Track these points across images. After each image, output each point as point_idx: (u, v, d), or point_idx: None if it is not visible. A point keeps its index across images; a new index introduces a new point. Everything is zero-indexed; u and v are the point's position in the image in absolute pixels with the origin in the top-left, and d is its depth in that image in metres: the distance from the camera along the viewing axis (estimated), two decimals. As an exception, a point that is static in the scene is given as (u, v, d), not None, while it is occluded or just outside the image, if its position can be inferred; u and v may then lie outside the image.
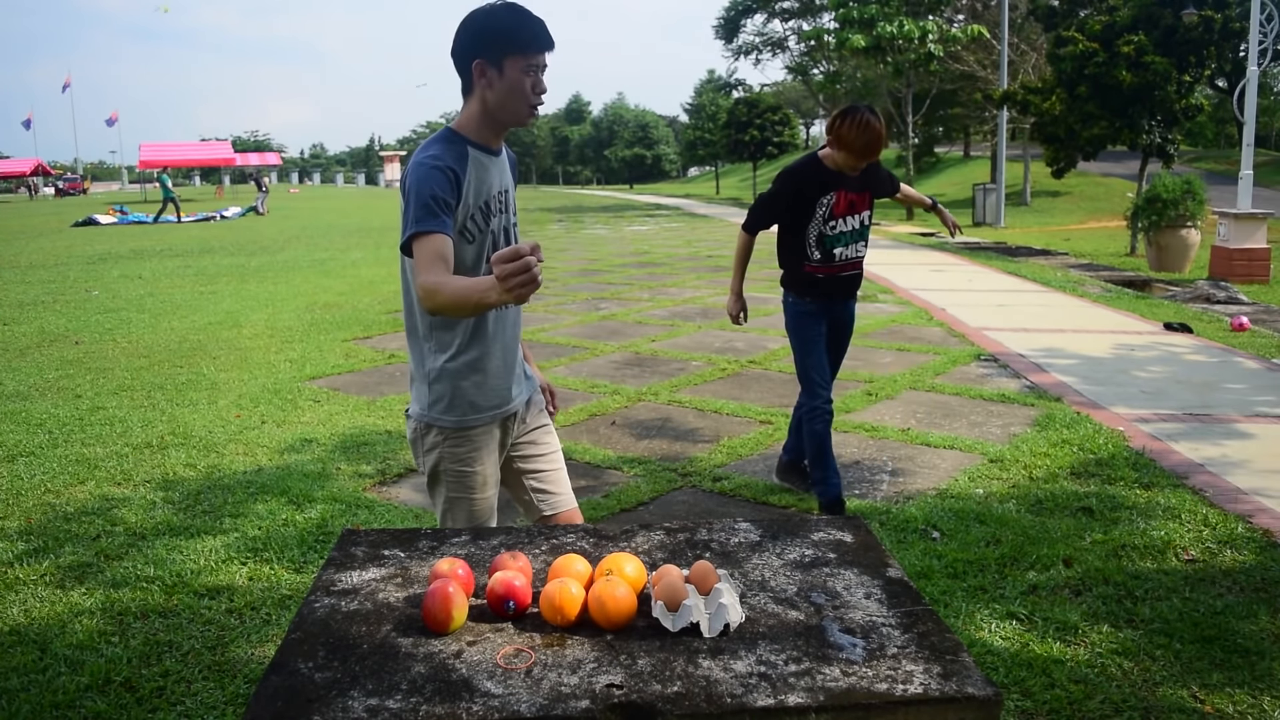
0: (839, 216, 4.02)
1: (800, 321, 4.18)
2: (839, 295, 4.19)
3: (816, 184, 4.00)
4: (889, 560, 1.71)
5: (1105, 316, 9.51)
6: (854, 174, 4.00)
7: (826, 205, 3.99)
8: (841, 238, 4.05)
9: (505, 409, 2.37)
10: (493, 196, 2.25)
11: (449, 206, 2.12)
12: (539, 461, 2.50)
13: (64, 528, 4.11)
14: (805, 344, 4.19)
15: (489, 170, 2.24)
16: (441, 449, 2.30)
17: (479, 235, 2.24)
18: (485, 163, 2.23)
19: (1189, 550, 3.69)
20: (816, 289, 4.12)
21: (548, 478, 2.50)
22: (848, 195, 4.02)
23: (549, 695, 1.27)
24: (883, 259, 15.11)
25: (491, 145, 2.25)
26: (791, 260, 4.13)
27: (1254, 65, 14.45)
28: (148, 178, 61.62)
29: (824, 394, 4.18)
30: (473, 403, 2.28)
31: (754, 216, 4.17)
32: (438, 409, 2.29)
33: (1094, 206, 27.64)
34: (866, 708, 1.25)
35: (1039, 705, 2.68)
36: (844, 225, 4.04)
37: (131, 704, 2.75)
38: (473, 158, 2.20)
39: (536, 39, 2.15)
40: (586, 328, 9.03)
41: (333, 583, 1.62)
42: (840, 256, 4.07)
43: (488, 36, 2.13)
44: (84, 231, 25.45)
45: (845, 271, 4.13)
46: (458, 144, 2.20)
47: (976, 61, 32.11)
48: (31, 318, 10.08)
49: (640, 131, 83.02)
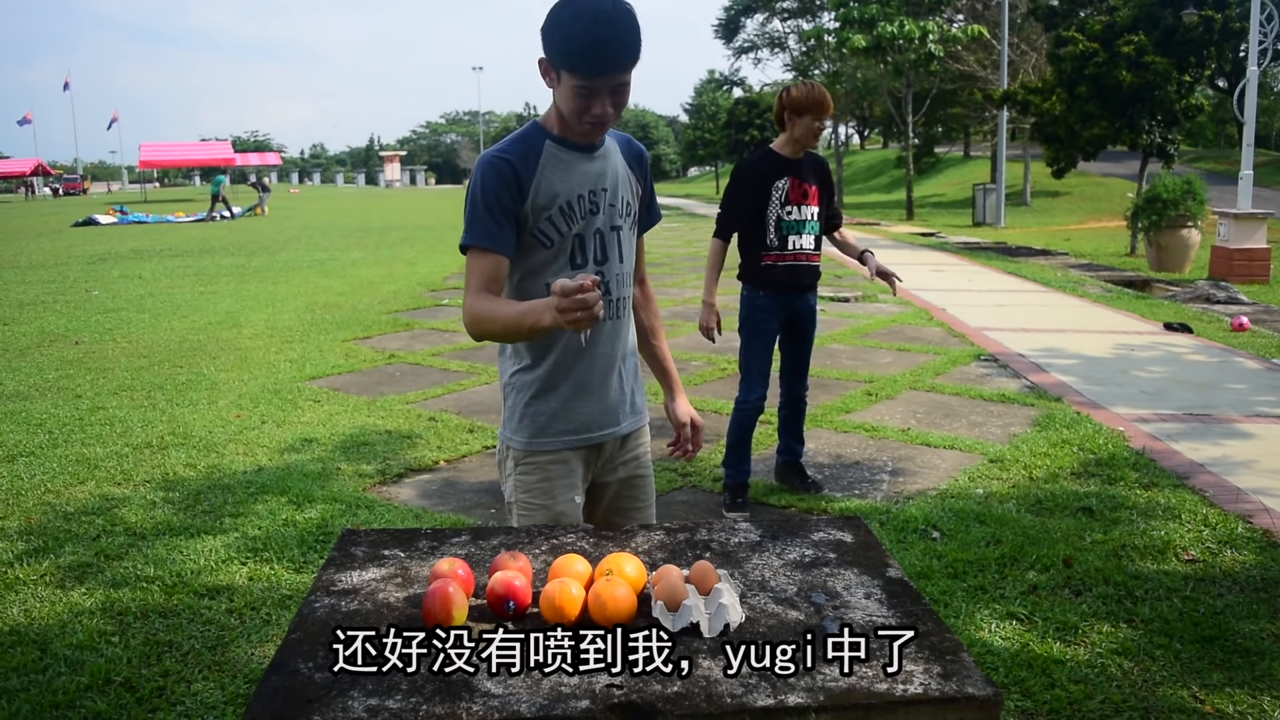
0: (794, 203, 4.15)
1: (753, 314, 4.29)
2: (795, 288, 4.27)
3: (771, 168, 4.15)
4: (889, 560, 1.71)
5: (1105, 316, 9.51)
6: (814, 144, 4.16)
7: (783, 189, 4.12)
8: (796, 225, 4.17)
9: (588, 436, 2.11)
10: (577, 197, 2.02)
11: (508, 212, 1.95)
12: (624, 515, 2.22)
13: (64, 528, 4.11)
14: (752, 337, 4.30)
15: (574, 168, 2.01)
16: (515, 476, 2.10)
17: (557, 239, 2.01)
18: (568, 159, 2.01)
19: (1189, 550, 3.69)
20: (772, 282, 4.21)
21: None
22: (800, 183, 4.15)
23: (549, 695, 1.27)
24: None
25: (577, 140, 2.01)
26: (750, 250, 4.22)
27: (1254, 65, 14.45)
28: (148, 178, 61.61)
29: (760, 389, 4.33)
30: (545, 425, 2.07)
31: (722, 219, 4.28)
32: (510, 427, 2.11)
33: (1094, 206, 27.63)
34: (866, 708, 1.25)
35: (1039, 705, 2.68)
36: (799, 213, 4.16)
37: (131, 704, 2.74)
38: (550, 153, 1.99)
39: (591, 62, 1.85)
40: (586, 328, 9.02)
41: (333, 583, 1.62)
42: (795, 245, 4.18)
43: (550, 38, 1.88)
44: (84, 231, 25.45)
45: (801, 260, 4.22)
46: (535, 138, 2.01)
47: (976, 61, 32.10)
48: (31, 318, 10.08)
49: (640, 131, 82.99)
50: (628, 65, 1.89)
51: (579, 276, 1.63)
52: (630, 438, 2.22)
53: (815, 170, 4.25)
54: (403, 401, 6.22)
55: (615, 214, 2.09)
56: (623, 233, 2.11)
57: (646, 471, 2.28)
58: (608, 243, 2.08)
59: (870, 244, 4.27)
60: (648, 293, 2.37)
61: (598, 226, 2.06)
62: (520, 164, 1.96)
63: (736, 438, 4.34)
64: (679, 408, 2.38)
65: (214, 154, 56.25)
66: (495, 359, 2.28)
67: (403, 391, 6.51)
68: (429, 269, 14.44)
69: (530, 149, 1.99)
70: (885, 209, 32.34)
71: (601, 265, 2.08)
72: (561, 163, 2.00)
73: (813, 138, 4.12)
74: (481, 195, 1.95)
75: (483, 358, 7.45)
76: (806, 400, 4.58)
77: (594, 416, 2.11)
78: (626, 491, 2.23)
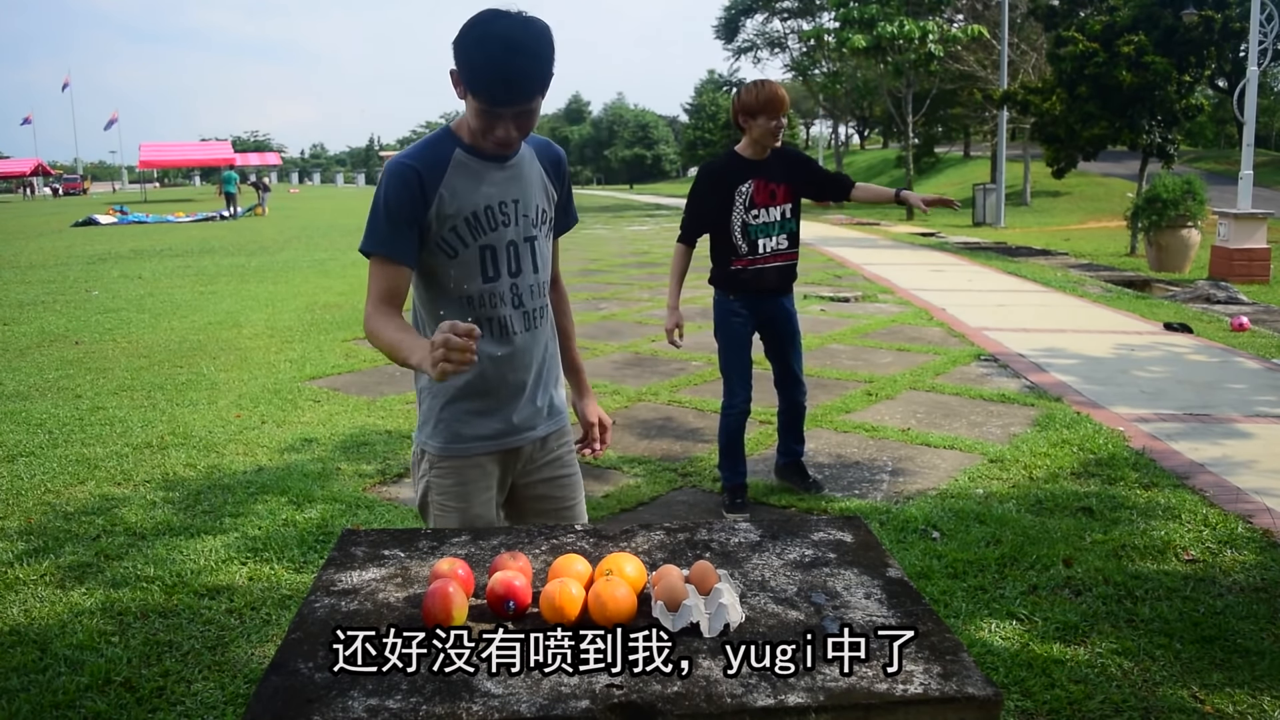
0: (760, 206, 4.06)
1: (726, 320, 4.23)
2: (768, 290, 4.19)
3: (733, 172, 4.06)
4: (889, 560, 1.71)
5: (1105, 316, 9.51)
6: (774, 143, 4.02)
7: (746, 193, 4.04)
8: (765, 228, 4.08)
9: (503, 442, 2.12)
10: (485, 208, 1.98)
11: (411, 222, 1.93)
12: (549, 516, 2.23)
13: (64, 528, 4.11)
14: (727, 342, 4.25)
15: (483, 178, 1.98)
16: (429, 478, 2.11)
17: (461, 250, 1.99)
18: (477, 169, 1.98)
19: (1189, 550, 3.69)
20: (743, 286, 4.16)
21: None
22: (767, 184, 4.05)
23: (549, 695, 1.27)
24: (883, 259, 15.11)
25: (488, 150, 1.98)
26: (720, 256, 4.17)
27: (1254, 65, 14.45)
28: (147, 178, 61.54)
29: (741, 394, 4.27)
30: (459, 430, 2.07)
31: (685, 224, 4.21)
32: (425, 432, 2.11)
33: (1094, 206, 27.63)
34: (866, 708, 1.25)
35: (1039, 705, 2.68)
36: (766, 215, 4.07)
37: (131, 704, 2.74)
38: (459, 162, 1.96)
39: (494, 93, 1.84)
40: (586, 328, 9.03)
41: (333, 583, 1.62)
42: (765, 248, 4.10)
43: (458, 57, 1.85)
44: (84, 231, 25.45)
45: (772, 263, 4.14)
46: (445, 145, 1.98)
47: (976, 61, 32.10)
48: (31, 318, 10.08)
49: (640, 131, 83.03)
50: (532, 95, 1.86)
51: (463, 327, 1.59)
52: (550, 438, 2.22)
53: (785, 166, 4.12)
54: (403, 401, 6.22)
55: (529, 224, 2.07)
56: (537, 242, 2.10)
57: (570, 470, 2.27)
58: (521, 254, 2.06)
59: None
60: (562, 294, 2.37)
61: (510, 238, 2.04)
62: (426, 172, 1.94)
63: (725, 442, 4.32)
64: (588, 408, 2.40)
65: (214, 154, 56.26)
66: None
67: (403, 391, 6.51)
68: (429, 269, 14.42)
69: (438, 157, 1.96)
70: (885, 209, 32.32)
71: (515, 277, 2.06)
72: (470, 172, 1.98)
73: (771, 137, 3.99)
74: (385, 203, 1.93)
75: (483, 358, 7.43)
76: (805, 404, 4.51)
77: (509, 422, 2.11)
78: (551, 491, 2.23)
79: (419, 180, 1.93)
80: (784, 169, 4.11)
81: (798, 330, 4.38)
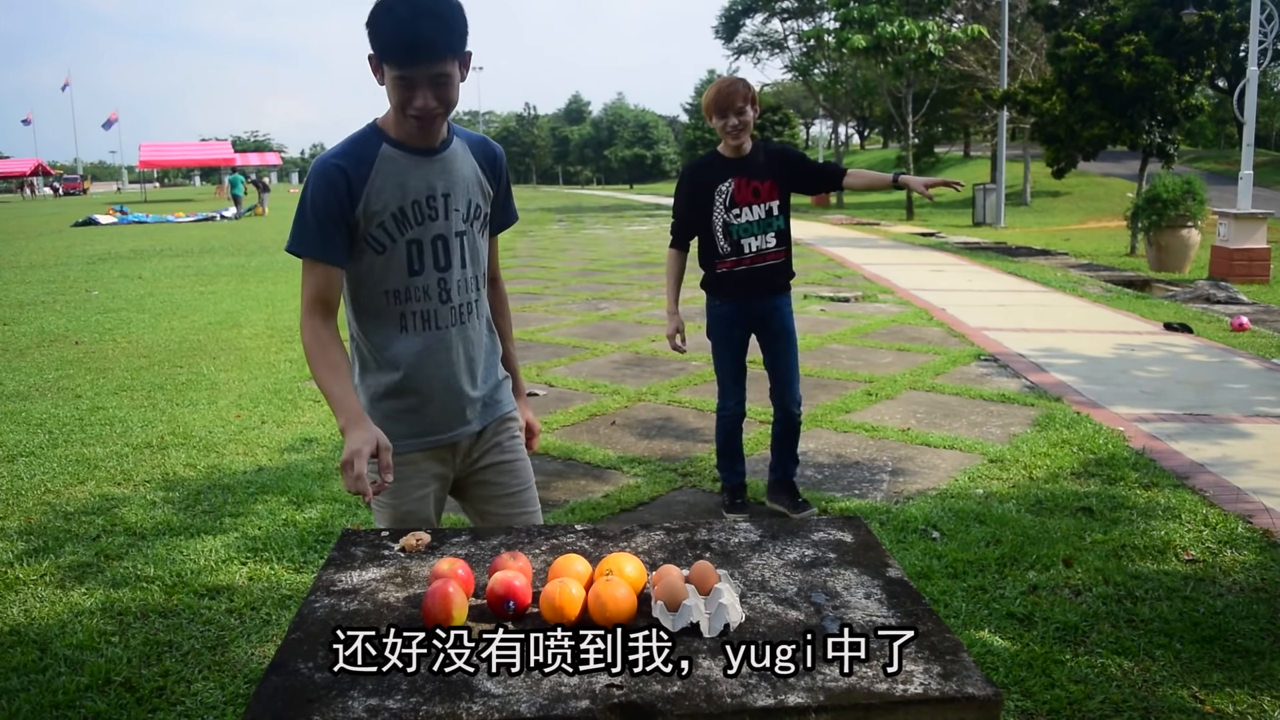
0: (741, 205, 3.92)
1: (715, 324, 4.14)
2: (756, 292, 4.04)
3: (713, 171, 3.96)
4: (889, 560, 1.71)
5: (1105, 316, 9.51)
6: (737, 141, 3.87)
7: (726, 192, 3.92)
8: (748, 227, 3.95)
9: (437, 439, 2.11)
10: (412, 203, 1.98)
11: (339, 221, 1.93)
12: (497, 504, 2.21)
13: (64, 528, 4.11)
14: (717, 345, 4.17)
15: (411, 172, 1.98)
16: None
17: (389, 245, 1.98)
18: (405, 163, 1.98)
19: (1189, 550, 3.68)
20: (730, 289, 4.03)
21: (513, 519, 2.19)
22: (749, 182, 3.92)
23: (549, 695, 1.27)
24: (883, 259, 15.11)
25: (415, 143, 1.98)
26: (707, 260, 4.07)
27: (1254, 65, 14.45)
28: (148, 178, 61.55)
29: (734, 397, 4.18)
30: (390, 428, 1.99)
31: (673, 228, 4.11)
32: None
33: (1094, 206, 27.63)
34: (866, 708, 1.25)
35: (1039, 705, 2.68)
36: (749, 214, 3.93)
37: (131, 704, 2.74)
38: (386, 156, 1.96)
39: (405, 53, 1.84)
40: (586, 328, 9.03)
41: (333, 583, 1.62)
42: (750, 248, 3.96)
43: (371, 31, 1.86)
44: (84, 231, 25.45)
45: (759, 264, 3.99)
46: (371, 141, 1.98)
47: (976, 61, 32.11)
48: (31, 318, 10.08)
49: (640, 131, 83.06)
50: (444, 55, 1.86)
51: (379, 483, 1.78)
52: (488, 429, 2.19)
53: (770, 162, 3.96)
54: (403, 401, 6.22)
55: (459, 218, 2.05)
56: (468, 237, 2.07)
57: (513, 457, 2.23)
58: (450, 248, 2.04)
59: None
60: (500, 293, 2.34)
61: (438, 232, 2.02)
62: (353, 170, 1.93)
63: (722, 444, 4.28)
64: (519, 411, 2.35)
65: (214, 154, 56.28)
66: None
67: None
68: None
69: (365, 154, 1.96)
70: (885, 209, 32.35)
71: (443, 271, 2.05)
72: (398, 167, 1.97)
73: (732, 136, 3.83)
74: (311, 203, 1.93)
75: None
76: (799, 418, 4.26)
77: (440, 420, 2.10)
78: (494, 478, 2.20)
79: (345, 179, 1.92)
80: (768, 165, 3.96)
81: (792, 334, 4.16)
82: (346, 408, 1.86)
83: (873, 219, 27.56)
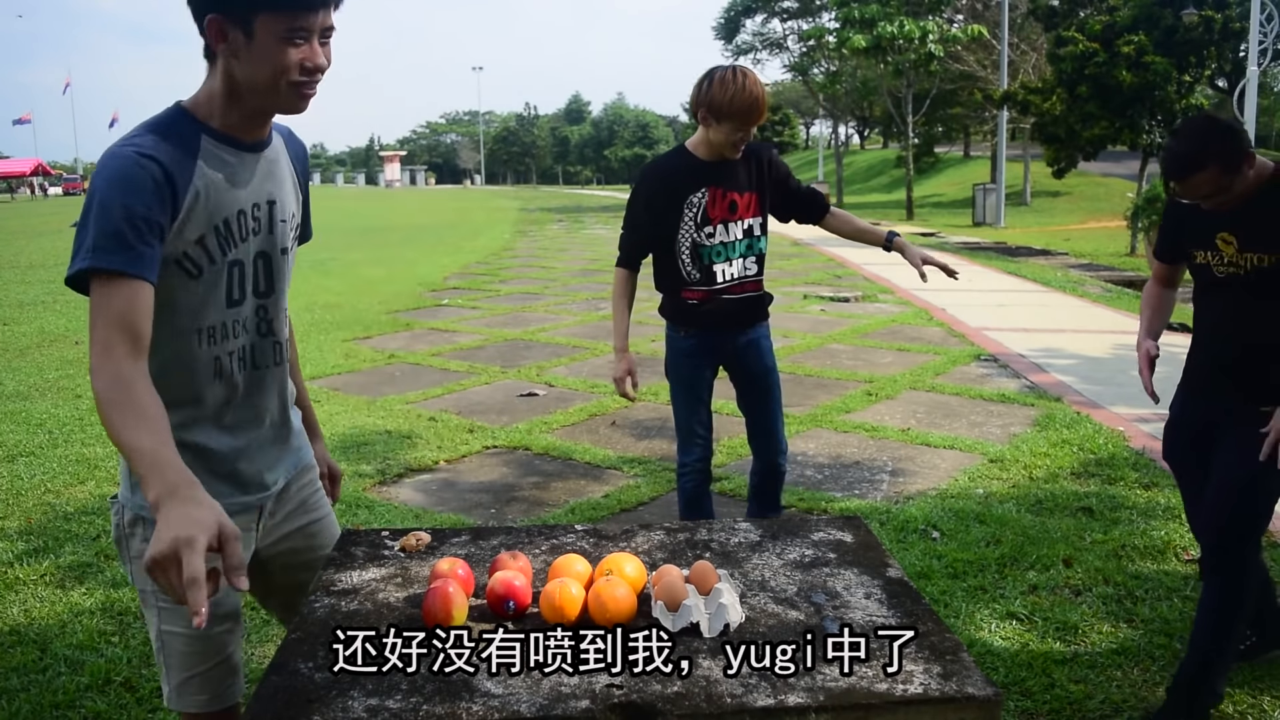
0: (715, 222, 3.06)
1: (677, 360, 3.30)
2: (730, 326, 3.20)
3: (683, 177, 3.06)
4: (889, 560, 1.71)
5: (1105, 316, 9.51)
6: (734, 155, 3.03)
7: (698, 205, 3.05)
8: (723, 250, 3.09)
9: (244, 501, 1.67)
10: (238, 213, 1.56)
11: (155, 228, 1.43)
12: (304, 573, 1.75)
13: (64, 528, 4.11)
14: (678, 387, 3.32)
15: (238, 174, 1.56)
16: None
17: (207, 268, 1.54)
18: (232, 163, 1.55)
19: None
20: (698, 320, 3.19)
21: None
22: (726, 193, 3.06)
23: (549, 695, 1.27)
24: (883, 259, 15.06)
25: (244, 136, 1.56)
26: (668, 283, 3.21)
27: (1254, 65, 14.47)
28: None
29: (698, 450, 3.29)
30: None
31: (623, 240, 3.26)
32: (140, 494, 1.44)
33: (1094, 206, 27.64)
34: (866, 708, 1.25)
35: (1039, 705, 2.68)
36: (724, 234, 3.08)
37: (131, 704, 2.75)
38: (209, 152, 1.52)
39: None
40: (586, 328, 9.03)
41: (333, 583, 1.62)
42: (724, 275, 3.11)
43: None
44: (84, 231, 25.41)
45: (734, 294, 3.15)
46: (187, 131, 1.51)
47: (976, 61, 32.13)
48: (31, 318, 10.08)
49: (640, 131, 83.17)
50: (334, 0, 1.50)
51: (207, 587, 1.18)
52: (291, 484, 1.79)
53: (754, 171, 3.11)
54: (403, 401, 6.22)
55: (284, 232, 1.66)
56: (289, 256, 1.70)
57: (320, 514, 1.85)
58: (274, 269, 1.65)
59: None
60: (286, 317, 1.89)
61: (260, 249, 1.62)
62: (174, 166, 1.47)
63: (684, 506, 3.37)
64: (317, 453, 1.95)
65: (214, 154, 56.10)
66: (497, 359, 2.25)
67: (403, 391, 6.51)
68: (429, 269, 14.44)
69: (184, 146, 1.49)
70: (885, 209, 32.36)
71: (263, 298, 1.65)
72: (224, 167, 1.54)
73: (733, 149, 3.00)
74: (123, 205, 1.41)
75: (483, 358, 7.45)
76: (784, 469, 3.40)
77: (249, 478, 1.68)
78: (300, 544, 1.81)
79: (165, 175, 1.45)
80: (752, 174, 3.11)
81: (773, 373, 3.31)
82: (167, 469, 1.29)
83: (873, 219, 27.56)
